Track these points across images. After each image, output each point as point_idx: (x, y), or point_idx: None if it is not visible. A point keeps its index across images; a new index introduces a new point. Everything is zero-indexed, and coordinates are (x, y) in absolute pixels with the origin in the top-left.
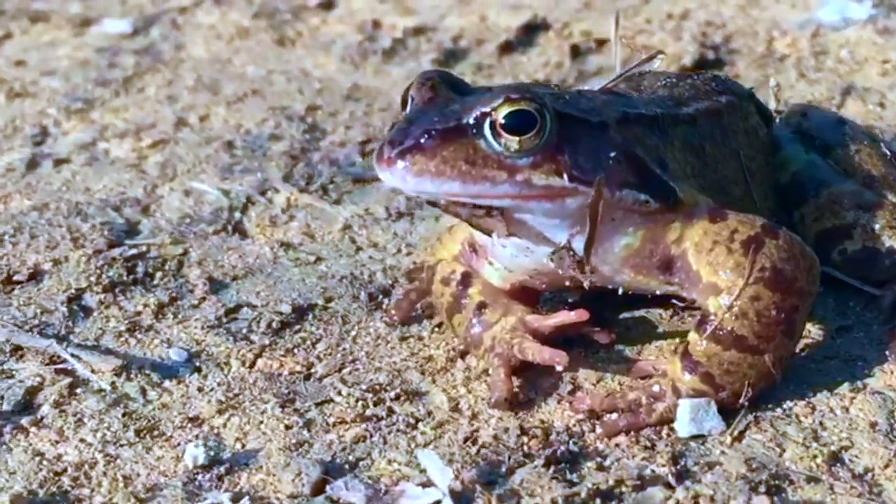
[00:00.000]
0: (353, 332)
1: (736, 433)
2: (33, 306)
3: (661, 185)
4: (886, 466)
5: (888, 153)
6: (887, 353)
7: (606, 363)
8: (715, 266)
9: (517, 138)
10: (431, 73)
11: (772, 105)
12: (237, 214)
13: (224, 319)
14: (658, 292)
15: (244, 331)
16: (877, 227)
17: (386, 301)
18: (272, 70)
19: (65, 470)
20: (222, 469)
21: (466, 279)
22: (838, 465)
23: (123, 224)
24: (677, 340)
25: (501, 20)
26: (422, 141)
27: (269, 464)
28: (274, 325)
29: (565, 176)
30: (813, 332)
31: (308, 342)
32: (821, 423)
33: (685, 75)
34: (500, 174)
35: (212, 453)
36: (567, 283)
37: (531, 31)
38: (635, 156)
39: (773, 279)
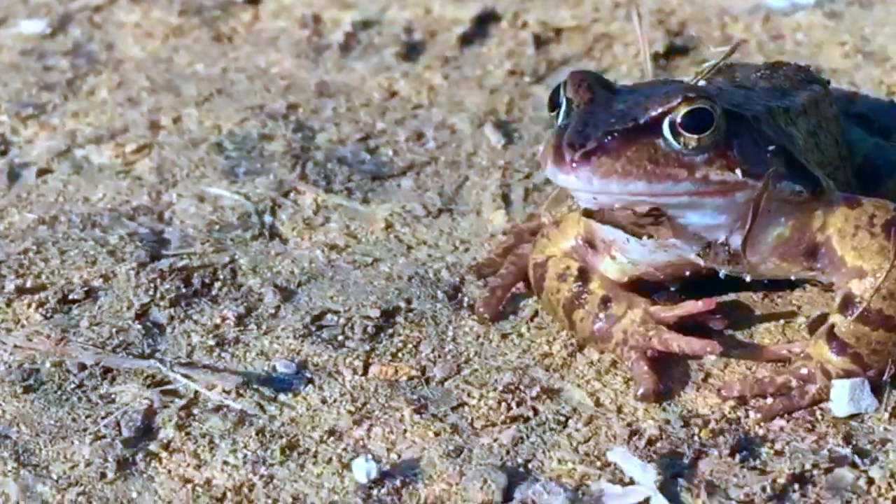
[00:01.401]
0: (451, 333)
1: (890, 409)
2: (107, 326)
3: (809, 174)
4: None
5: None
6: None
7: (726, 349)
8: (859, 250)
9: (696, 136)
10: (583, 74)
11: None
12: (267, 218)
13: (312, 328)
14: (793, 278)
15: (339, 338)
16: None
17: (465, 299)
18: (225, 69)
19: (224, 495)
20: (397, 482)
21: (584, 275)
22: None
23: (149, 233)
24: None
25: (447, 12)
26: (606, 142)
27: (440, 472)
28: (369, 330)
29: (738, 171)
30: None
31: (410, 345)
32: None
33: (772, 66)
34: (680, 172)
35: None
36: (686, 274)
37: (484, 23)
38: (784, 147)
39: None
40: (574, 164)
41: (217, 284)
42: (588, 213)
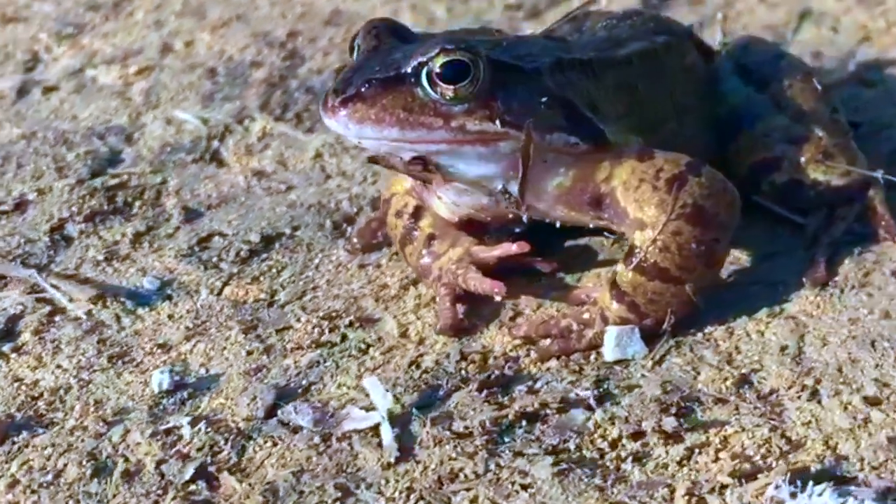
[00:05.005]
0: (316, 261)
1: (657, 357)
2: (17, 236)
3: (591, 127)
4: (790, 387)
5: (819, 87)
6: (804, 278)
7: (548, 290)
8: (640, 203)
9: (452, 87)
10: (377, 22)
11: (718, 37)
12: (215, 143)
13: (196, 248)
14: (591, 226)
15: (214, 259)
16: (803, 159)
17: (350, 229)
18: None
19: (41, 394)
20: (185, 394)
21: (418, 212)
22: (746, 386)
23: (107, 153)
24: (606, 268)
25: None
26: (363, 90)
27: (229, 388)
28: (242, 253)
29: (497, 121)
30: (742, 258)
31: (273, 270)
32: (736, 347)
33: (626, 15)
34: (436, 120)
35: (177, 378)
36: (510, 216)
37: None
38: (566, 100)
39: (694, 214)
40: (334, 109)
41: (138, 204)
42: (373, 159)
